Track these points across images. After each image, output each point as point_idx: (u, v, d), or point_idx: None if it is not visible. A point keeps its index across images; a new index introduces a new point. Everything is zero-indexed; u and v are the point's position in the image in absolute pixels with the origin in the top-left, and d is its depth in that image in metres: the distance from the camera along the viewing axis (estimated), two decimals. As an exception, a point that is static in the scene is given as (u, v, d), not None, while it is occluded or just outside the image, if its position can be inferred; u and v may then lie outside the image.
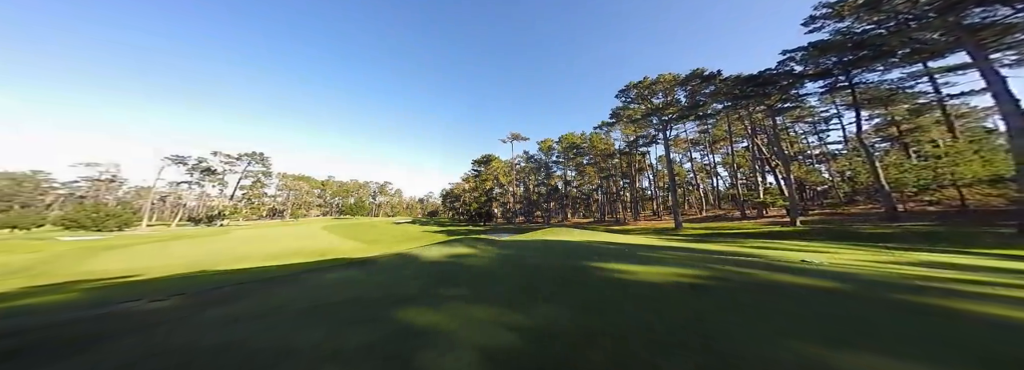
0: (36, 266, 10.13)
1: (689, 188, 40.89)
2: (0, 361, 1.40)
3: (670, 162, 24.93)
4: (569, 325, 1.72)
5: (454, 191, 51.06)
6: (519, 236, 12.29)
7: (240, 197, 43.54)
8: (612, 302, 2.22)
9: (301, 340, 1.57)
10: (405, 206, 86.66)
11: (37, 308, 3.34)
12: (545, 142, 45.46)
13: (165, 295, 2.87)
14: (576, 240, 8.62)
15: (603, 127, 37.32)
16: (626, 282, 2.88)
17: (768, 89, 17.93)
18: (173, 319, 1.98)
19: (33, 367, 1.34)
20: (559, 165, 46.27)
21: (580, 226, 26.65)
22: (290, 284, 3.09)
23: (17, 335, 1.79)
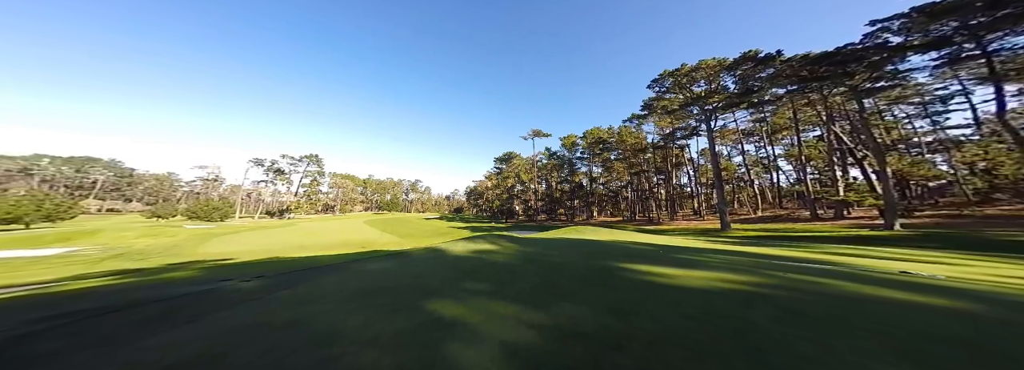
0: (172, 248, 13.45)
1: (740, 184, 35.67)
2: (157, 318, 1.91)
3: (715, 156, 22.10)
4: (593, 326, 1.67)
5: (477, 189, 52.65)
6: (541, 234, 12.18)
7: (301, 194, 51.18)
8: (643, 306, 2.08)
9: (347, 324, 1.78)
10: (434, 203, 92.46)
11: (174, 281, 4.41)
12: (568, 138, 43.82)
13: (249, 277, 3.53)
14: (603, 239, 8.26)
15: (633, 120, 34.61)
16: (660, 286, 2.67)
17: (850, 67, 14.68)
18: (254, 298, 2.42)
19: (174, 327, 1.77)
20: (584, 161, 44.32)
21: (607, 225, 25.40)
22: (339, 272, 3.54)
23: (165, 301, 2.39)
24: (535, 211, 42.94)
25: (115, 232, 18.33)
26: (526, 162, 47.01)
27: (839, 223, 16.76)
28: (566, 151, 44.66)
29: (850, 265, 4.23)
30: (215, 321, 1.85)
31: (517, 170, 45.54)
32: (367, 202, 71.89)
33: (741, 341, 1.42)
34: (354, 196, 67.90)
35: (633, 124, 35.80)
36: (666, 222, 28.43)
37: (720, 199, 20.41)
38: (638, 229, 19.66)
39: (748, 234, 15.29)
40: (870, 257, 5.75)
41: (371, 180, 74.57)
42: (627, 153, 36.83)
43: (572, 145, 43.52)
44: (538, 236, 10.34)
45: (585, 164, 44.44)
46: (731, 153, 37.21)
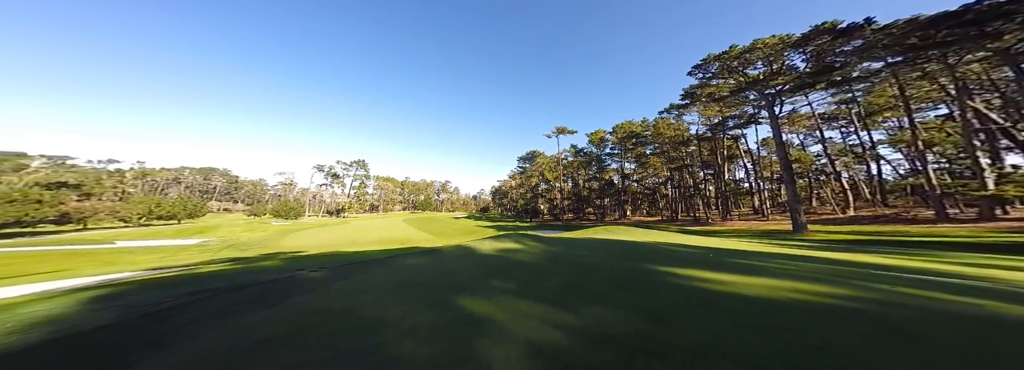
0: (263, 240, 16.84)
1: (820, 178, 29.05)
2: (247, 300, 2.41)
3: (782, 145, 18.41)
4: (627, 331, 1.58)
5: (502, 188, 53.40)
6: (567, 234, 11.81)
7: (352, 195, 58.85)
8: (687, 313, 1.89)
9: (390, 314, 1.99)
10: (462, 202, 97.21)
11: (259, 268, 5.51)
12: (596, 133, 41.27)
13: (316, 267, 4.20)
14: (638, 240, 7.64)
15: (672, 110, 30.75)
16: (710, 293, 2.39)
17: (993, 27, 11.03)
18: (319, 287, 2.87)
19: (267, 307, 2.21)
20: (614, 157, 41.33)
21: (644, 225, 23.33)
22: (383, 266, 3.98)
23: (260, 285, 3.02)
24: (561, 210, 41.66)
25: (228, 228, 23.77)
26: (550, 160, 45.94)
27: (987, 225, 12.19)
28: (594, 147, 42.24)
29: (1005, 281, 3.11)
30: (294, 304, 2.25)
31: (541, 169, 44.81)
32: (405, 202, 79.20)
33: (816, 359, 1.21)
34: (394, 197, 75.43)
35: (672, 115, 31.75)
36: (717, 222, 24.92)
37: (791, 195, 16.88)
38: (682, 230, 17.63)
39: (833, 237, 12.42)
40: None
41: (408, 182, 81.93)
42: (665, 147, 33.07)
43: (600, 141, 40.97)
44: (564, 236, 10.06)
45: (616, 160, 41.40)
46: (806, 141, 30.41)
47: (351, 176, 58.52)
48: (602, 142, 41.43)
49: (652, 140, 35.12)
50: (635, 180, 41.83)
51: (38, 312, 2.22)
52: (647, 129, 35.44)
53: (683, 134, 32.25)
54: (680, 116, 31.84)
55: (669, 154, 33.74)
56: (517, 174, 49.82)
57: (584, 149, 43.93)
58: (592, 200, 42.28)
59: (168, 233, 20.10)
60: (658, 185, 40.03)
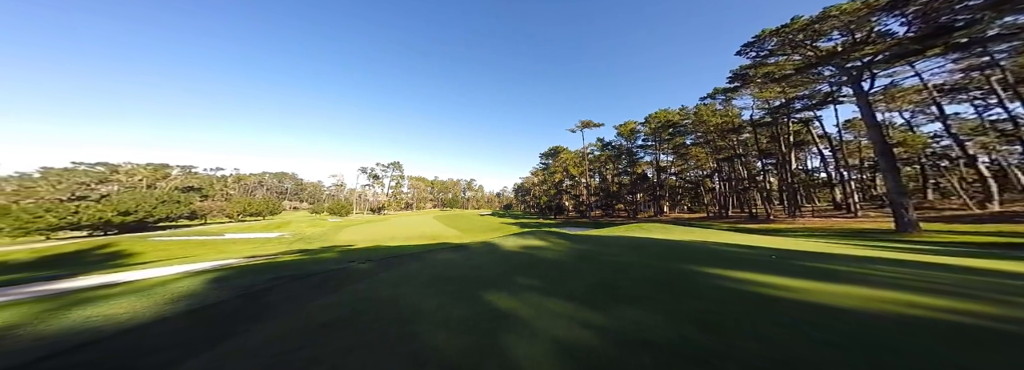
0: (323, 235, 19.78)
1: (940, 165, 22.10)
2: (313, 286, 2.87)
3: (877, 126, 14.57)
4: (667, 336, 1.49)
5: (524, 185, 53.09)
6: (595, 231, 11.28)
7: (390, 194, 65.09)
8: (743, 321, 1.70)
9: (425, 305, 2.19)
10: (486, 200, 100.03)
11: (322, 259, 6.49)
12: (626, 125, 38.03)
13: (364, 260, 4.80)
14: (679, 239, 6.98)
15: (718, 95, 26.70)
16: (775, 300, 2.10)
17: None
18: (367, 277, 3.28)
19: (328, 293, 2.62)
20: (647, 149, 37.76)
21: (684, 222, 20.96)
22: (419, 260, 4.36)
23: (321, 273, 3.58)
24: (587, 207, 39.69)
25: (297, 223, 28.49)
26: (575, 155, 44.01)
27: None
28: (623, 140, 39.11)
29: None
30: (348, 292, 2.63)
31: (565, 164, 43.19)
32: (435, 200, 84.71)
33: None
34: (425, 195, 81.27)
35: (717, 100, 27.53)
36: (781, 219, 21.06)
37: (892, 187, 13.06)
38: (734, 228, 15.41)
39: (960, 239, 9.46)
40: None
41: (437, 181, 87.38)
42: (711, 135, 28.89)
43: (631, 132, 37.73)
44: (592, 233, 9.66)
45: (650, 152, 37.75)
46: (915, 120, 23.28)
47: (388, 177, 64.79)
48: (633, 134, 38.16)
49: (693, 129, 31.05)
50: (673, 173, 37.77)
51: (182, 288, 2.99)
52: (686, 117, 31.45)
53: (733, 120, 27.71)
54: (728, 101, 27.38)
55: (715, 143, 29.50)
56: (540, 171, 48.99)
57: (612, 142, 41.13)
58: (623, 196, 39.49)
59: (257, 227, 25.01)
60: (702, 178, 35.54)
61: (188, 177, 45.33)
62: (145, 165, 41.45)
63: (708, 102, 28.71)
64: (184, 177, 44.85)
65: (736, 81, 22.04)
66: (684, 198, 39.29)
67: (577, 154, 44.29)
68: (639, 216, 34.18)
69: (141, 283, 3.42)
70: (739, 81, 21.86)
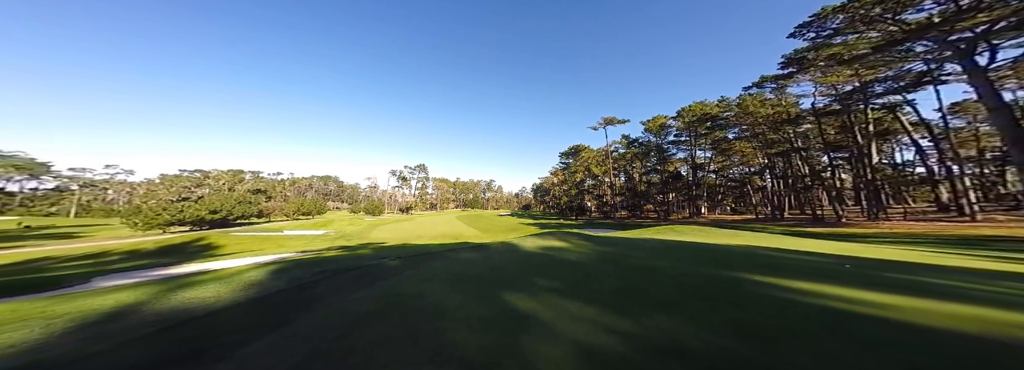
0: (360, 232, 21.83)
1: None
2: (352, 280, 3.19)
3: (1007, 108, 11.27)
4: (704, 346, 1.38)
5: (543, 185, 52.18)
6: (620, 233, 10.72)
7: (416, 195, 69.35)
8: (798, 334, 1.49)
9: (448, 302, 2.29)
10: (505, 200, 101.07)
11: (359, 255, 7.16)
12: (655, 120, 34.69)
13: (394, 257, 5.17)
14: (720, 243, 6.31)
15: (767, 83, 23.20)
16: (846, 315, 1.80)
17: None
18: (397, 274, 3.54)
19: (364, 286, 2.89)
20: (680, 146, 34.35)
21: (726, 225, 18.62)
22: (442, 259, 4.56)
23: (358, 269, 3.96)
24: (612, 207, 37.47)
25: (339, 222, 31.90)
26: (597, 154, 42.01)
27: None
28: (652, 136, 36.03)
29: None
30: (381, 287, 2.86)
31: (587, 163, 41.44)
32: (457, 200, 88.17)
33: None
34: (448, 196, 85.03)
35: (766, 89, 23.87)
36: (858, 222, 17.42)
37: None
38: (792, 232, 13.33)
39: None
40: None
41: (459, 182, 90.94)
42: (759, 128, 25.25)
43: (660, 128, 34.57)
44: (617, 235, 9.17)
45: (683, 149, 34.23)
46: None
47: (415, 178, 69.18)
48: (662, 129, 35.01)
49: (736, 121, 27.41)
50: (713, 170, 33.91)
51: (251, 277, 3.54)
52: (727, 109, 27.91)
53: (787, 110, 23.79)
54: (781, 89, 23.48)
55: (766, 137, 25.67)
56: (559, 170, 47.74)
57: (639, 139, 38.21)
58: (652, 195, 36.58)
59: (308, 225, 28.59)
60: (749, 176, 31.35)
61: (256, 181, 53.95)
62: (226, 171, 50.50)
63: (754, 92, 25.09)
64: (253, 181, 53.42)
65: (791, 66, 19.05)
66: (726, 198, 35.05)
67: (600, 152, 42.23)
68: (671, 218, 31.28)
69: (222, 272, 4.13)
70: (795, 66, 18.88)
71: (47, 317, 2.08)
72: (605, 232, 11.32)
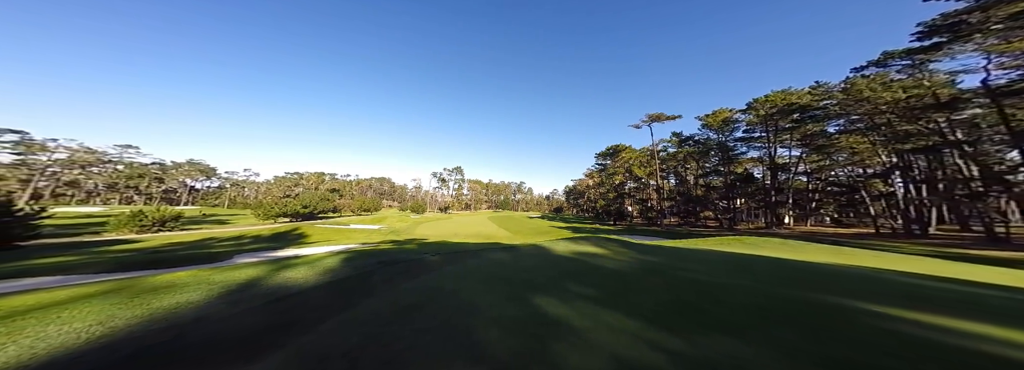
0: (408, 229, 24.63)
1: None
2: (400, 272, 3.60)
3: None
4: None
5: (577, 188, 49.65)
6: (670, 242, 9.46)
7: (453, 195, 74.60)
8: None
9: (480, 301, 2.40)
10: (536, 203, 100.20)
11: (406, 250, 8.05)
12: (715, 114, 29.18)
13: (435, 253, 5.65)
14: (823, 262, 4.99)
15: (897, 59, 17.27)
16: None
17: None
18: (437, 269, 3.86)
19: (410, 279, 3.24)
20: (752, 143, 28.17)
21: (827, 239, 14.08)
22: (476, 258, 4.79)
23: (405, 262, 4.46)
24: (659, 213, 33.00)
25: (390, 219, 36.65)
26: (640, 154, 37.77)
27: None
28: (712, 133, 30.45)
29: None
30: (423, 280, 3.17)
31: (628, 164, 37.64)
32: (489, 202, 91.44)
33: None
34: (481, 197, 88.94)
35: (892, 67, 17.54)
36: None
37: None
38: (943, 254, 9.22)
39: None
40: None
41: (491, 183, 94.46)
42: (884, 117, 18.67)
43: (723, 123, 28.82)
44: (665, 244, 8.10)
45: (757, 146, 27.89)
46: None
47: (453, 180, 74.54)
48: (727, 125, 29.16)
49: (843, 111, 20.98)
50: (803, 172, 26.84)
51: (328, 263, 4.33)
52: (824, 96, 21.67)
53: (932, 92, 16.98)
54: (919, 65, 17.03)
55: (894, 128, 18.98)
56: (595, 172, 44.69)
57: (695, 136, 32.78)
58: (711, 201, 31.15)
59: (367, 220, 33.68)
60: (865, 179, 23.77)
61: (332, 182, 66.62)
62: (313, 173, 63.99)
63: (872, 72, 18.89)
64: (330, 182, 66.08)
65: (937, 35, 13.69)
66: (825, 206, 27.11)
67: (644, 152, 38.00)
68: (738, 227, 25.94)
69: (309, 257, 5.16)
70: (945, 34, 13.58)
71: (210, 283, 2.95)
72: (650, 240, 10.19)
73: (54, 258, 8.10)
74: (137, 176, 50.44)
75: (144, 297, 2.40)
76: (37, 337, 1.62)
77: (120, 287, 2.73)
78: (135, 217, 17.98)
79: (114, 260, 6.34)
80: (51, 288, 2.85)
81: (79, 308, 2.12)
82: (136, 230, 17.91)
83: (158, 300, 2.33)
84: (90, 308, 2.12)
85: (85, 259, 7.39)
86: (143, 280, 3.05)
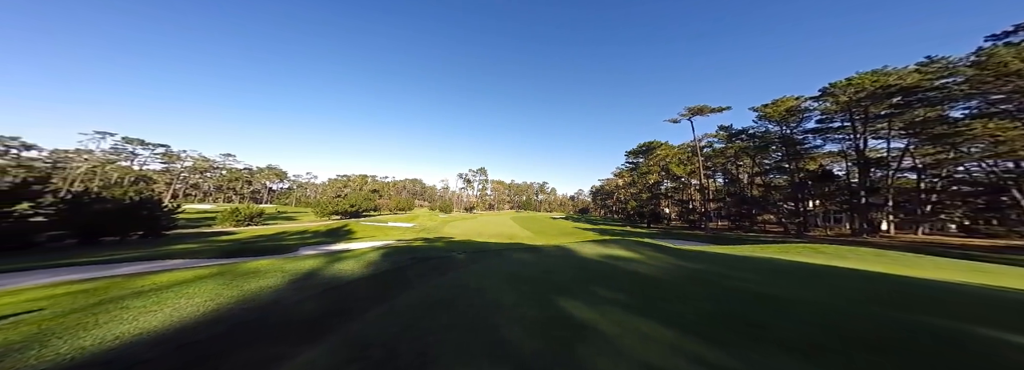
0: (437, 227, 26.24)
1: None
2: (431, 268, 3.87)
3: None
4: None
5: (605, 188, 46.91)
6: (719, 247, 8.38)
7: (478, 196, 77.13)
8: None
9: (504, 300, 2.45)
10: (559, 203, 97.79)
11: (436, 247, 8.59)
12: (778, 103, 24.36)
13: (461, 251, 5.92)
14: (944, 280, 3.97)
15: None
16: None
17: None
18: (463, 267, 4.04)
19: (440, 275, 3.47)
20: (830, 135, 23.07)
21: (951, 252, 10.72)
22: (499, 257, 4.88)
23: (436, 259, 4.76)
24: (703, 215, 29.17)
25: (422, 218, 39.49)
26: (679, 151, 33.80)
27: None
28: (772, 125, 25.73)
29: None
30: (450, 277, 3.35)
31: (665, 162, 34.01)
32: (511, 202, 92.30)
33: None
34: (503, 197, 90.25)
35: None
36: None
37: None
38: None
39: None
40: None
41: (513, 184, 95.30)
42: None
43: (789, 113, 23.97)
44: (711, 250, 7.20)
45: (837, 138, 22.75)
46: None
47: (477, 181, 77.13)
48: (793, 115, 24.16)
49: (980, 89, 15.79)
50: (911, 168, 20.94)
51: (371, 257, 4.84)
52: (941, 74, 16.59)
53: None
54: None
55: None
56: (625, 171, 41.56)
57: (749, 129, 27.95)
58: (773, 202, 26.46)
59: (402, 219, 36.84)
60: (1011, 176, 17.64)
61: (373, 183, 74.52)
62: (358, 175, 72.50)
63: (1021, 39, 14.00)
64: (372, 183, 74.01)
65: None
66: (948, 209, 20.66)
67: (682, 149, 34.13)
68: (812, 234, 21.65)
69: (355, 252, 5.84)
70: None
71: (282, 271, 3.55)
72: (691, 245, 9.17)
73: (183, 245, 10.57)
74: (234, 179, 62.99)
75: (238, 280, 2.99)
76: (174, 307, 2.15)
77: (223, 271, 3.45)
78: (233, 213, 23.03)
79: (219, 248, 8.03)
80: (181, 269, 3.73)
81: (198, 286, 2.74)
82: (233, 224, 22.68)
83: (247, 283, 2.88)
84: (205, 286, 2.72)
85: (202, 246, 9.50)
86: (238, 266, 3.80)
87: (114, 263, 5.51)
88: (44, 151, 38.00)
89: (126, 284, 2.79)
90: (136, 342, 1.57)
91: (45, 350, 1.45)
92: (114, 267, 5.07)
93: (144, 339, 1.61)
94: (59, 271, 4.59)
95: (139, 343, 1.56)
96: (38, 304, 2.21)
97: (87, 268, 4.93)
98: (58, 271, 4.59)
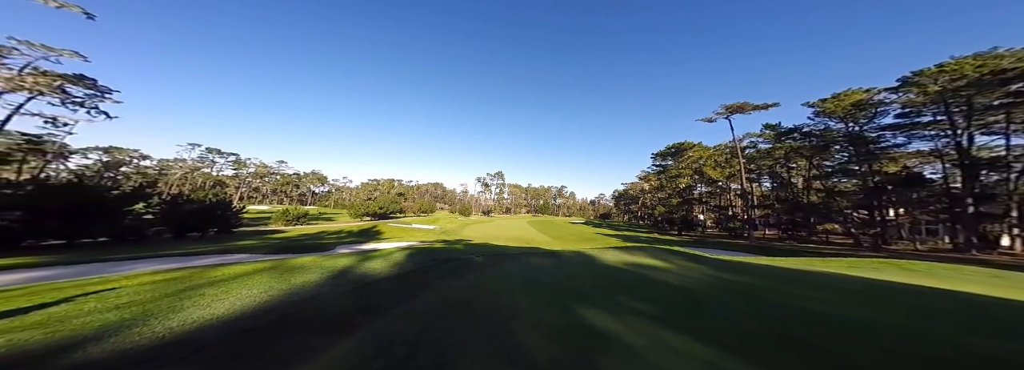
0: (456, 230, 27.06)
1: None
2: (450, 270, 4.00)
3: None
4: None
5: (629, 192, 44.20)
6: (766, 259, 7.37)
7: (495, 199, 78.16)
8: None
9: (520, 304, 2.45)
10: (578, 208, 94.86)
11: (455, 249, 8.83)
12: (842, 97, 20.29)
13: (479, 255, 6.00)
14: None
15: None
16: None
17: None
18: (480, 270, 4.10)
19: (458, 278, 3.57)
20: (919, 132, 18.36)
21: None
22: (516, 261, 4.86)
23: (455, 261, 4.90)
24: (744, 223, 25.65)
25: (442, 220, 41.09)
26: (715, 152, 30.16)
27: None
28: (834, 122, 21.34)
29: None
30: (468, 280, 3.42)
31: (698, 164, 30.67)
32: (528, 206, 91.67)
33: None
34: (520, 201, 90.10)
35: None
36: None
37: None
38: None
39: None
40: None
41: (530, 188, 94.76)
42: None
43: (856, 107, 19.70)
44: (757, 261, 6.37)
45: (925, 136, 17.96)
46: None
47: (494, 185, 78.42)
48: (862, 109, 19.90)
49: None
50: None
51: (397, 257, 5.14)
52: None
53: None
54: None
55: None
56: (652, 174, 38.66)
57: (804, 127, 23.35)
58: (838, 210, 22.15)
59: (425, 221, 38.72)
60: None
61: (400, 187, 79.97)
62: (387, 180, 78.54)
63: None
64: (398, 187, 79.49)
65: None
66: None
67: (719, 150, 30.62)
68: (891, 247, 17.92)
69: (383, 251, 6.24)
70: None
71: (322, 268, 3.93)
72: (731, 255, 8.23)
73: (245, 241, 12.29)
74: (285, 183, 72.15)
75: (286, 275, 3.37)
76: (236, 297, 2.49)
77: (275, 266, 3.92)
78: (284, 214, 26.70)
79: (273, 245, 9.20)
80: (244, 263, 4.32)
81: (255, 278, 3.15)
82: (284, 223, 26.02)
83: (294, 278, 3.24)
84: (261, 279, 3.12)
85: (259, 243, 10.96)
86: (286, 262, 4.29)
87: (196, 256, 6.62)
88: (154, 160, 47.67)
89: (204, 274, 3.32)
90: (207, 327, 1.85)
91: (145, 328, 1.78)
92: (195, 259, 6.10)
93: (214, 324, 1.89)
94: (163, 260, 5.64)
95: (209, 327, 1.84)
96: (144, 288, 2.74)
97: (179, 259, 5.99)
98: (163, 260, 5.64)
